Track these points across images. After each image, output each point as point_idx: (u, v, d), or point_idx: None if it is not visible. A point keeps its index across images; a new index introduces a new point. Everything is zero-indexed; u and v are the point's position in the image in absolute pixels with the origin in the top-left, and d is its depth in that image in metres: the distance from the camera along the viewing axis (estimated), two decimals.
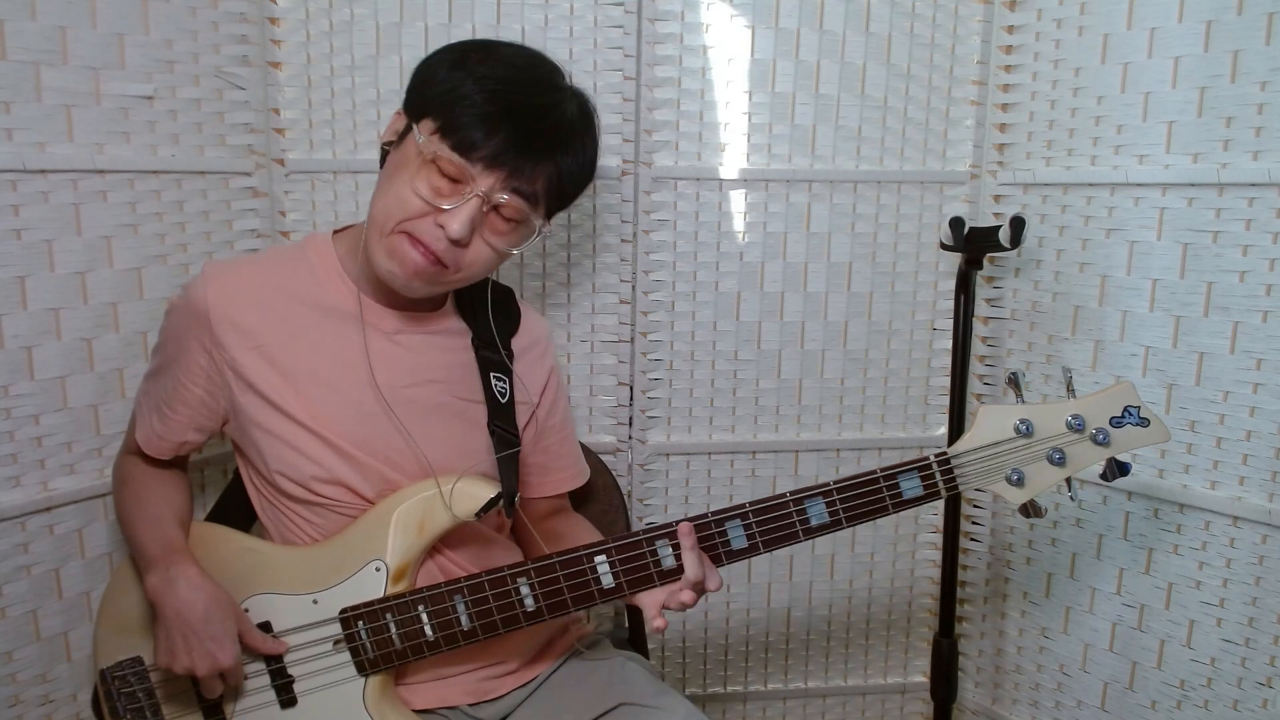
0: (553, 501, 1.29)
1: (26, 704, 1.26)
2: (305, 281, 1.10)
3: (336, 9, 1.43)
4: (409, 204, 0.99)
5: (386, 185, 1.02)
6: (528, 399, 1.20)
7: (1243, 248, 1.29)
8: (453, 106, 0.98)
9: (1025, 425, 0.98)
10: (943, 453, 1.00)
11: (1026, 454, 0.99)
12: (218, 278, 1.09)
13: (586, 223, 1.53)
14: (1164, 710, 1.45)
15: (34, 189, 1.18)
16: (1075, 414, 0.98)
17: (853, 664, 1.75)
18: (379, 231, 1.02)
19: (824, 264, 1.58)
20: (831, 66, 1.51)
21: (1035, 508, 1.01)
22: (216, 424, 1.13)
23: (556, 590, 1.03)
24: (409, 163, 1.00)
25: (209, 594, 1.01)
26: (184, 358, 1.09)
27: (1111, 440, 0.98)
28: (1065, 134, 1.46)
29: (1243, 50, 1.26)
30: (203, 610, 1.00)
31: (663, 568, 1.01)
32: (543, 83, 1.04)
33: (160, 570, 1.02)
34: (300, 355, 1.08)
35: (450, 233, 0.98)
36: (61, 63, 1.19)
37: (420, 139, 0.99)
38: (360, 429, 1.08)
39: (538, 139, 1.00)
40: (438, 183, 0.99)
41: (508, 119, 0.98)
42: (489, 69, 1.01)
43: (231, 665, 1.01)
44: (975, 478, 1.00)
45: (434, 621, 1.04)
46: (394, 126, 1.06)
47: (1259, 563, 1.32)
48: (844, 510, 1.00)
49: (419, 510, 1.06)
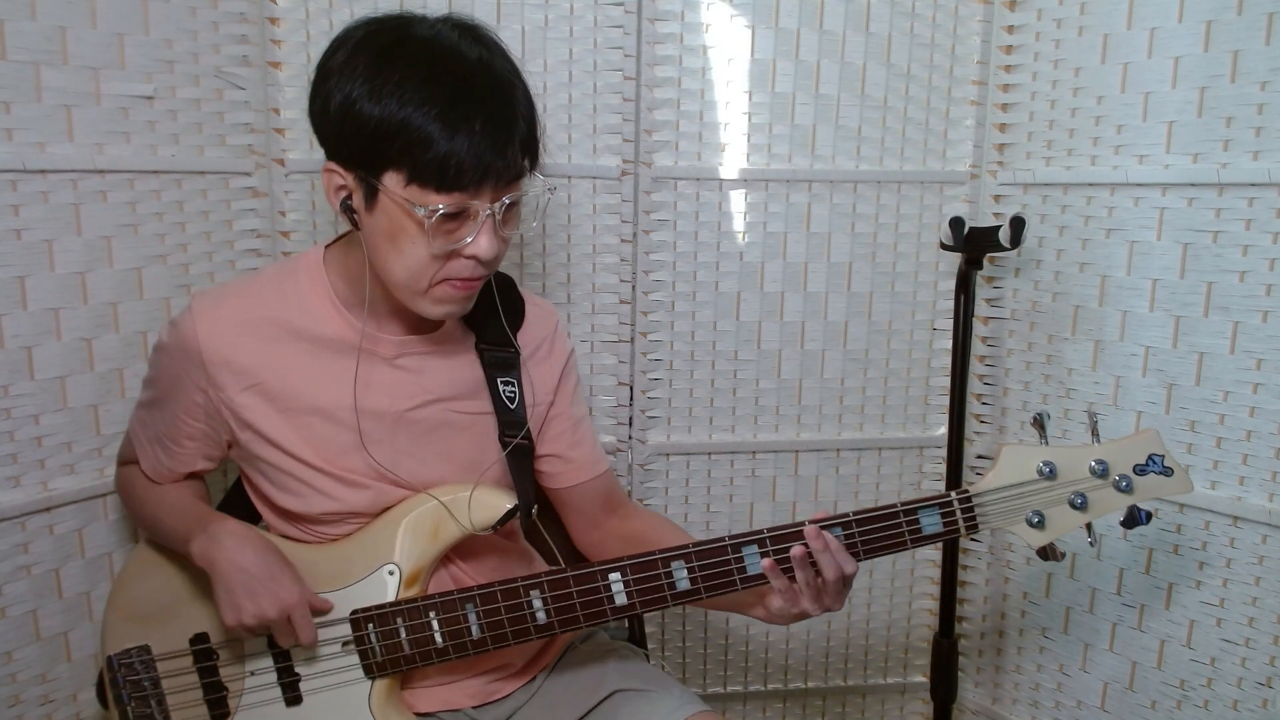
0: (595, 492, 1.20)
1: (26, 704, 1.26)
2: (297, 312, 1.06)
3: (336, 9, 1.43)
4: (434, 260, 0.95)
5: (392, 251, 0.96)
6: (539, 399, 1.16)
7: (1243, 248, 1.29)
8: (412, 151, 0.90)
9: (1049, 468, 0.97)
10: (964, 491, 0.98)
11: (1048, 496, 0.98)
12: (207, 314, 1.05)
13: (586, 223, 1.53)
14: (1164, 710, 1.45)
15: (34, 189, 1.18)
16: (1099, 459, 0.97)
17: (853, 664, 1.75)
18: (413, 292, 0.98)
19: (824, 264, 1.58)
20: (831, 66, 1.51)
21: (1054, 551, 1.00)
22: (223, 450, 1.12)
23: (569, 605, 1.02)
24: (402, 226, 0.94)
25: (257, 540, 1.01)
26: (180, 396, 1.07)
27: (1134, 488, 0.97)
28: (1065, 134, 1.46)
29: (1243, 50, 1.26)
30: (253, 555, 0.99)
31: (676, 590, 1.00)
32: (461, 61, 0.94)
33: (200, 536, 1.01)
34: (298, 390, 1.05)
35: (484, 258, 0.96)
36: (61, 63, 1.19)
37: (398, 197, 0.92)
38: (366, 459, 1.06)
39: (498, 122, 0.93)
40: (447, 226, 0.94)
41: (467, 124, 0.91)
42: (415, 89, 0.91)
43: (299, 602, 0.99)
44: (996, 517, 0.99)
45: (445, 629, 1.04)
46: (336, 184, 0.97)
47: (1259, 563, 1.32)
48: (862, 543, 0.98)
49: (434, 517, 1.06)
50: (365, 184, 0.95)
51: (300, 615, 1.00)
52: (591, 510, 1.21)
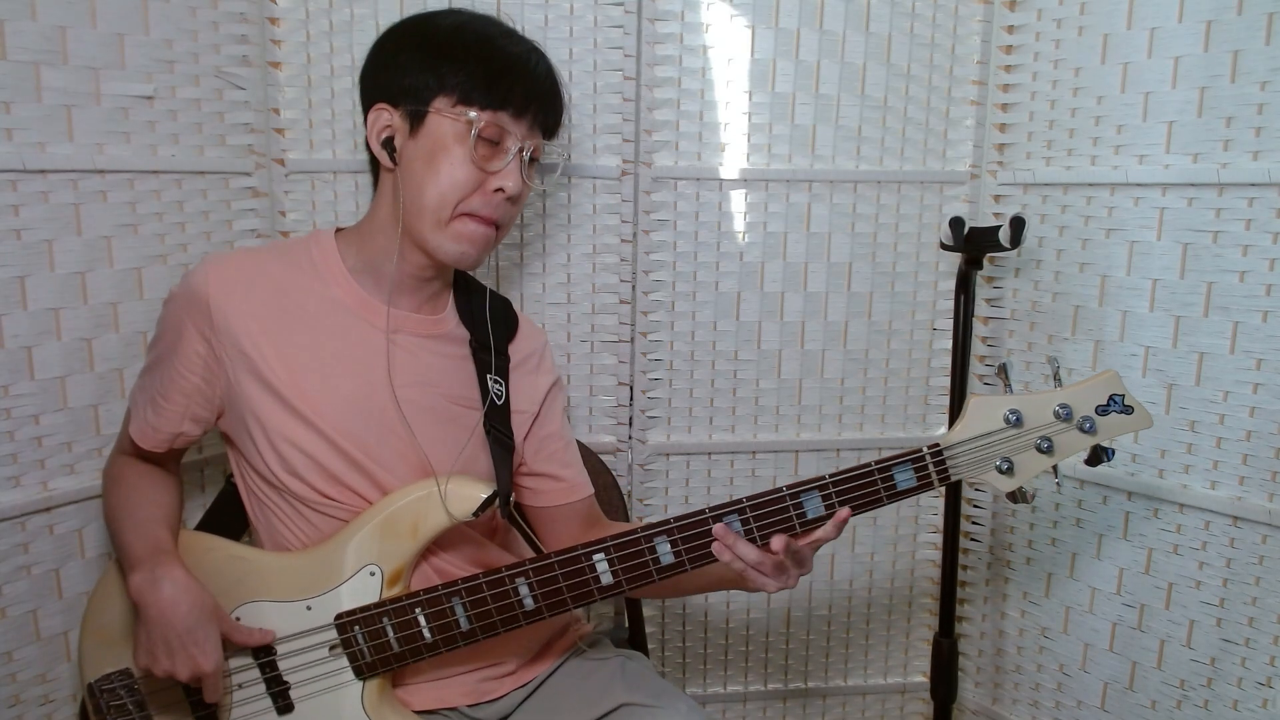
0: (580, 511, 1.24)
1: (26, 704, 1.26)
2: (307, 275, 1.11)
3: (336, 9, 1.43)
4: (466, 181, 1.05)
5: (429, 173, 1.05)
6: (525, 408, 1.19)
7: (1243, 248, 1.29)
8: (461, 75, 1.04)
9: (1015, 415, 1.00)
10: (935, 444, 1.00)
11: (1016, 443, 1.01)
12: (218, 266, 1.09)
13: (586, 223, 1.53)
14: (1164, 710, 1.45)
15: (34, 189, 1.18)
16: (1063, 403, 1.00)
17: (853, 664, 1.75)
18: (436, 221, 1.06)
19: (824, 264, 1.58)
20: (831, 66, 1.52)
21: (1023, 494, 1.03)
22: (212, 414, 1.11)
23: (555, 589, 1.03)
24: (445, 144, 1.04)
25: (194, 597, 1.00)
26: (181, 346, 1.09)
27: (1098, 428, 1.00)
28: (1065, 134, 1.46)
29: (1243, 50, 1.26)
30: (185, 612, 0.98)
31: (661, 564, 1.01)
32: (510, 34, 1.12)
33: (145, 570, 1.00)
34: (299, 346, 1.08)
35: (510, 190, 1.06)
36: (61, 63, 1.19)
37: (448, 112, 1.04)
38: (353, 423, 1.07)
39: (540, 79, 1.10)
40: (482, 151, 1.05)
41: (510, 70, 1.06)
42: (463, 36, 1.07)
43: (212, 671, 0.99)
44: (967, 467, 1.01)
45: (432, 624, 1.04)
46: (384, 123, 1.08)
47: (1259, 563, 1.32)
48: (839, 503, 1.00)
49: (412, 513, 1.06)
50: (413, 114, 1.06)
51: (210, 683, 1.00)
52: (573, 526, 1.23)
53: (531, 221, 1.52)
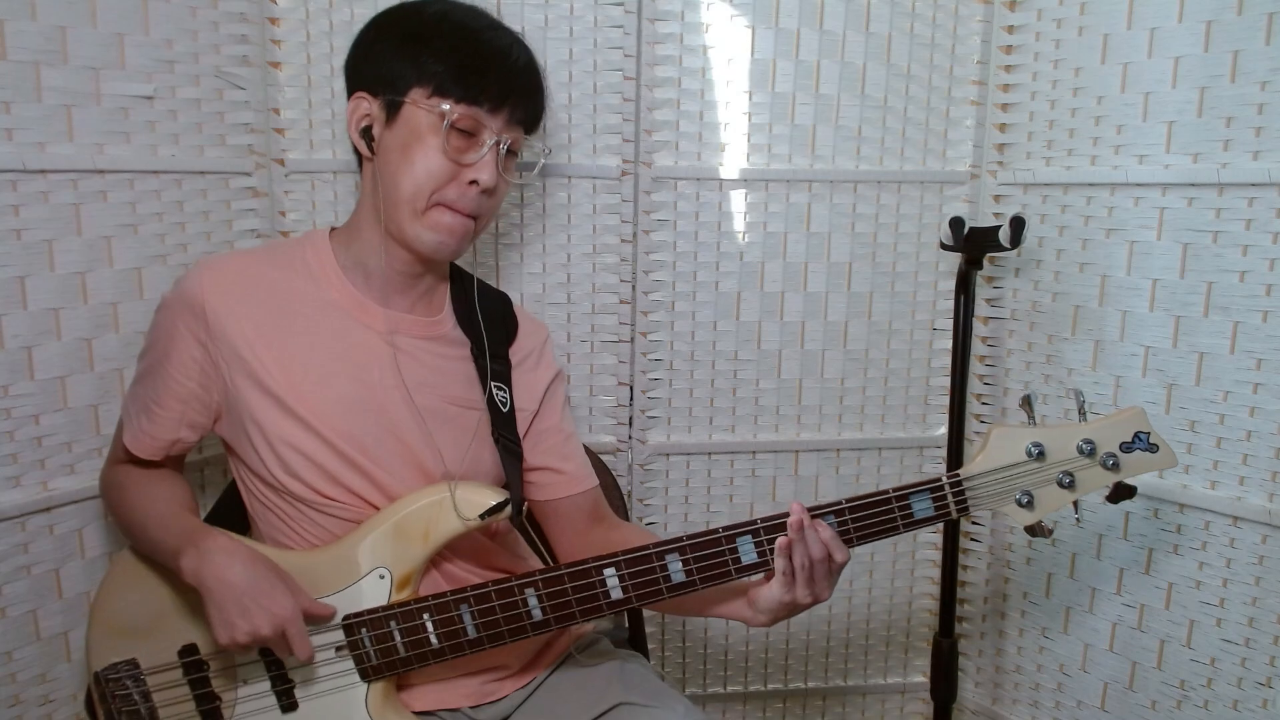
0: (585, 506, 1.23)
1: (26, 704, 1.26)
2: (302, 277, 1.10)
3: (336, 9, 1.43)
4: (440, 172, 1.04)
5: (404, 164, 1.04)
6: (525, 406, 1.18)
7: (1243, 248, 1.29)
8: (437, 67, 1.03)
9: (1038, 449, 0.98)
10: (955, 474, 0.99)
11: (1037, 477, 0.99)
12: (213, 271, 1.08)
13: (586, 223, 1.53)
14: (1164, 710, 1.45)
15: (34, 189, 1.18)
16: (1087, 438, 0.99)
17: (853, 664, 1.75)
18: (411, 210, 1.05)
19: (824, 264, 1.58)
20: (831, 66, 1.52)
21: (1042, 528, 1.01)
22: (209, 420, 1.10)
23: (564, 602, 1.02)
24: (420, 134, 1.04)
25: (246, 553, 0.98)
26: (176, 351, 1.07)
27: (1121, 465, 0.99)
28: (1065, 134, 1.46)
29: (1243, 50, 1.26)
30: (242, 570, 0.96)
31: (672, 582, 1.01)
32: (494, 25, 1.11)
33: (190, 552, 0.97)
34: (295, 349, 1.07)
35: (484, 183, 1.05)
36: (61, 63, 1.19)
37: (423, 104, 1.03)
38: (351, 425, 1.06)
39: (519, 73, 1.08)
40: (456, 143, 1.04)
41: (488, 62, 1.05)
42: (443, 27, 1.06)
43: (293, 616, 0.96)
44: (986, 499, 1.00)
45: (440, 630, 1.04)
46: (362, 112, 1.08)
47: (1259, 563, 1.32)
48: (854, 529, 0.99)
49: (423, 517, 1.05)
50: (390, 104, 1.05)
51: (295, 631, 0.97)
52: (578, 522, 1.22)
53: (531, 221, 1.52)
